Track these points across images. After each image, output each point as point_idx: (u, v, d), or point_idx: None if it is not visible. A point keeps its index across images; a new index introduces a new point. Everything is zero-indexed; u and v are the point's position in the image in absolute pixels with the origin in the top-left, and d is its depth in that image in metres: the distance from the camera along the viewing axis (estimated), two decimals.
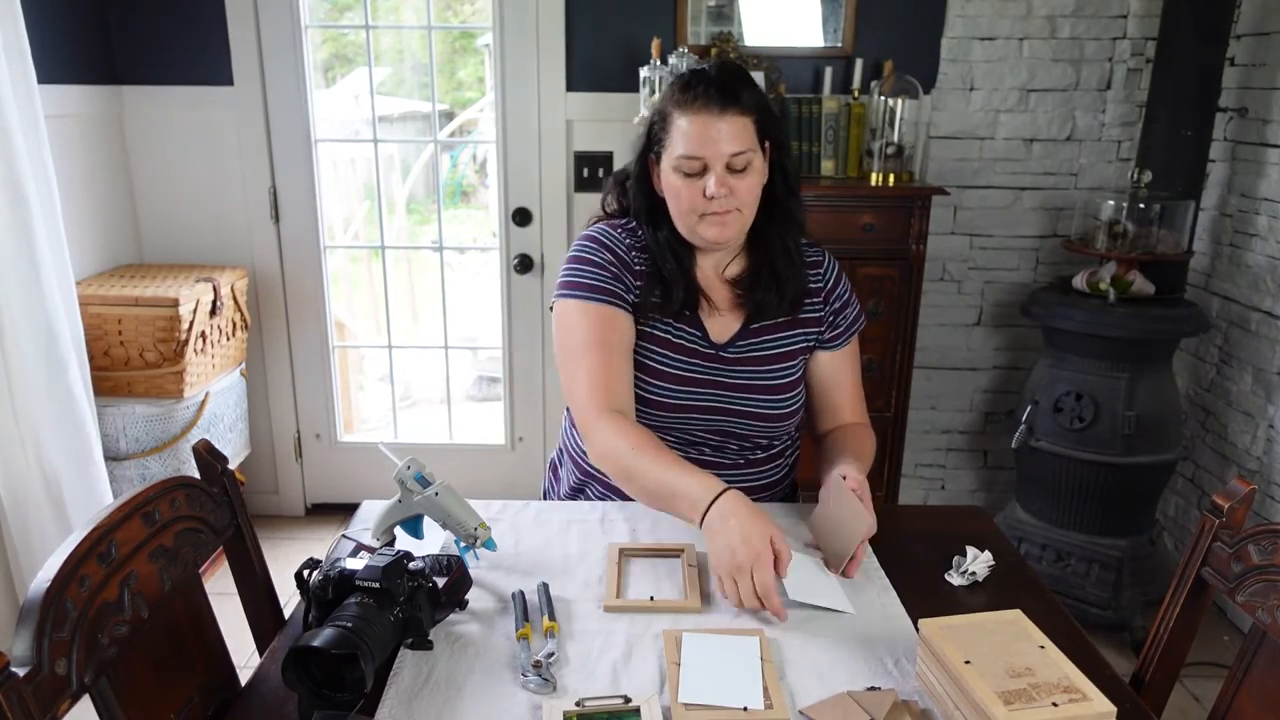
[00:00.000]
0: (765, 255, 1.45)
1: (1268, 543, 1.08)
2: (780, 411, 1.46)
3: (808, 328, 1.49)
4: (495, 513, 1.42)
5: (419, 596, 1.05)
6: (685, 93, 1.34)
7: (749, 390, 1.44)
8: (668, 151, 1.36)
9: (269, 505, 3.16)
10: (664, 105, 1.38)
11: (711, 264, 1.47)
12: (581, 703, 0.96)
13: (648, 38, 2.61)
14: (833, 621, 1.14)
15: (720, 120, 1.31)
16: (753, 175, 1.36)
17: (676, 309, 1.42)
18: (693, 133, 1.32)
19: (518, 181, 2.90)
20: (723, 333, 1.45)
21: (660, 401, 1.43)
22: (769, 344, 1.47)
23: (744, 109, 1.33)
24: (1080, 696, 0.89)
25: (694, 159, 1.33)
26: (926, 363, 2.98)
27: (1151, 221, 2.44)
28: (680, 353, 1.43)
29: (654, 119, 1.40)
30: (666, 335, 1.44)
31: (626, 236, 1.46)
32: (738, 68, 1.39)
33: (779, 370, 1.46)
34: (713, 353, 1.44)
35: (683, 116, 1.34)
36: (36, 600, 0.86)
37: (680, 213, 1.38)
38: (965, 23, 2.73)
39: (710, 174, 1.33)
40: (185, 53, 2.77)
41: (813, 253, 1.52)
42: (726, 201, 1.34)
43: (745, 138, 1.33)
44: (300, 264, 2.97)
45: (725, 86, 1.33)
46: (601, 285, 1.40)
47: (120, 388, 2.47)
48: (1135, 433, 2.39)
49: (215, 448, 1.22)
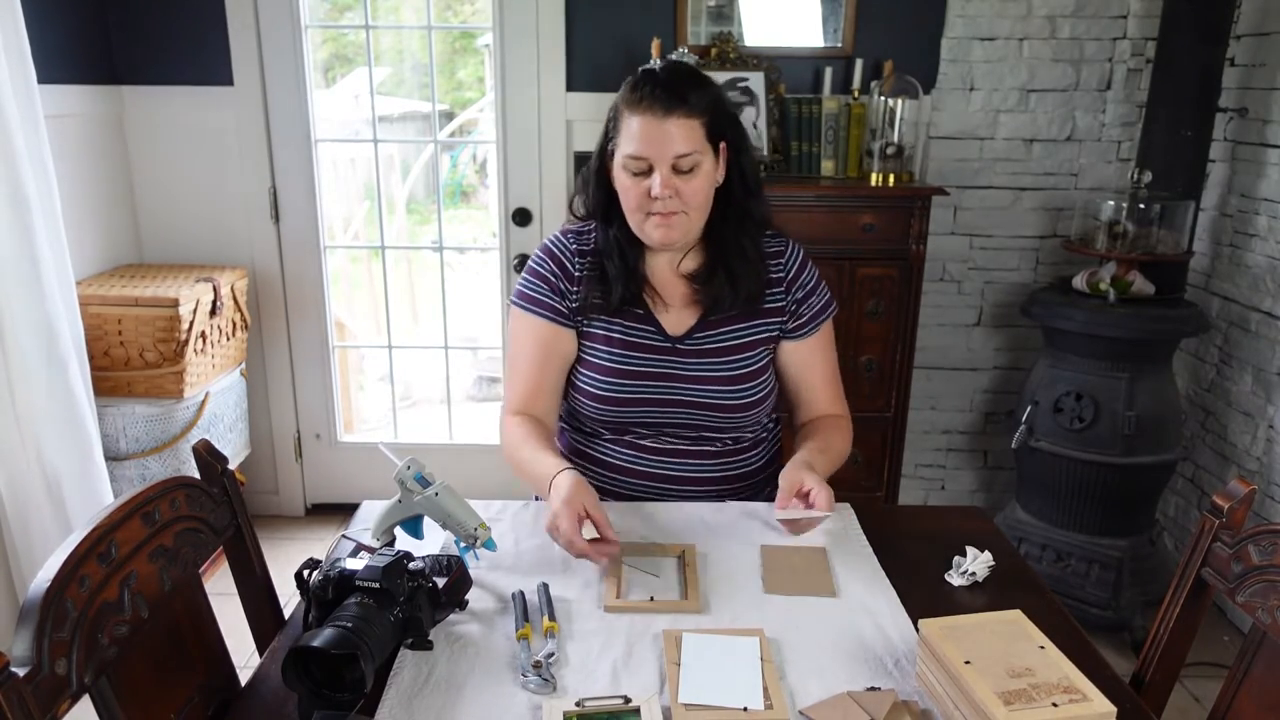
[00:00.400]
0: (721, 252, 1.46)
1: (1268, 543, 1.08)
2: (740, 401, 1.47)
3: (769, 318, 1.50)
4: (495, 513, 1.42)
5: (419, 596, 1.05)
6: (633, 92, 1.36)
7: (705, 381, 1.45)
8: (619, 149, 1.38)
9: (269, 505, 3.16)
10: (617, 102, 1.39)
11: (665, 260, 1.49)
12: (581, 703, 0.96)
13: (648, 38, 2.61)
14: (833, 621, 1.14)
15: (665, 121, 1.33)
16: (700, 177, 1.37)
17: (615, 306, 1.45)
18: (638, 133, 1.34)
19: (518, 181, 2.90)
20: (678, 326, 1.47)
21: (611, 396, 1.46)
22: (728, 335, 1.48)
23: (691, 110, 1.34)
24: (1080, 697, 0.89)
25: (639, 159, 1.34)
26: (926, 363, 2.98)
27: (1151, 222, 2.44)
28: (630, 349, 1.46)
29: (610, 114, 1.42)
30: (612, 334, 1.47)
31: (574, 242, 1.50)
32: (688, 69, 1.41)
33: (738, 361, 1.47)
34: (669, 346, 1.46)
35: (631, 116, 1.35)
36: (36, 600, 0.86)
37: (627, 210, 1.40)
38: (965, 23, 2.73)
39: (655, 174, 1.34)
40: (185, 53, 2.77)
41: (775, 243, 1.52)
42: (671, 203, 1.35)
43: (692, 139, 1.34)
44: (300, 264, 2.97)
45: (672, 88, 1.34)
46: (542, 299, 1.48)
47: (120, 388, 2.47)
48: (1135, 433, 2.39)
49: (215, 448, 1.22)
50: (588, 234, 1.50)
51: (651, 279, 1.48)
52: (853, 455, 2.61)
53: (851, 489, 2.65)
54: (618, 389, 1.45)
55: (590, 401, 1.47)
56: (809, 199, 2.53)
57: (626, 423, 1.48)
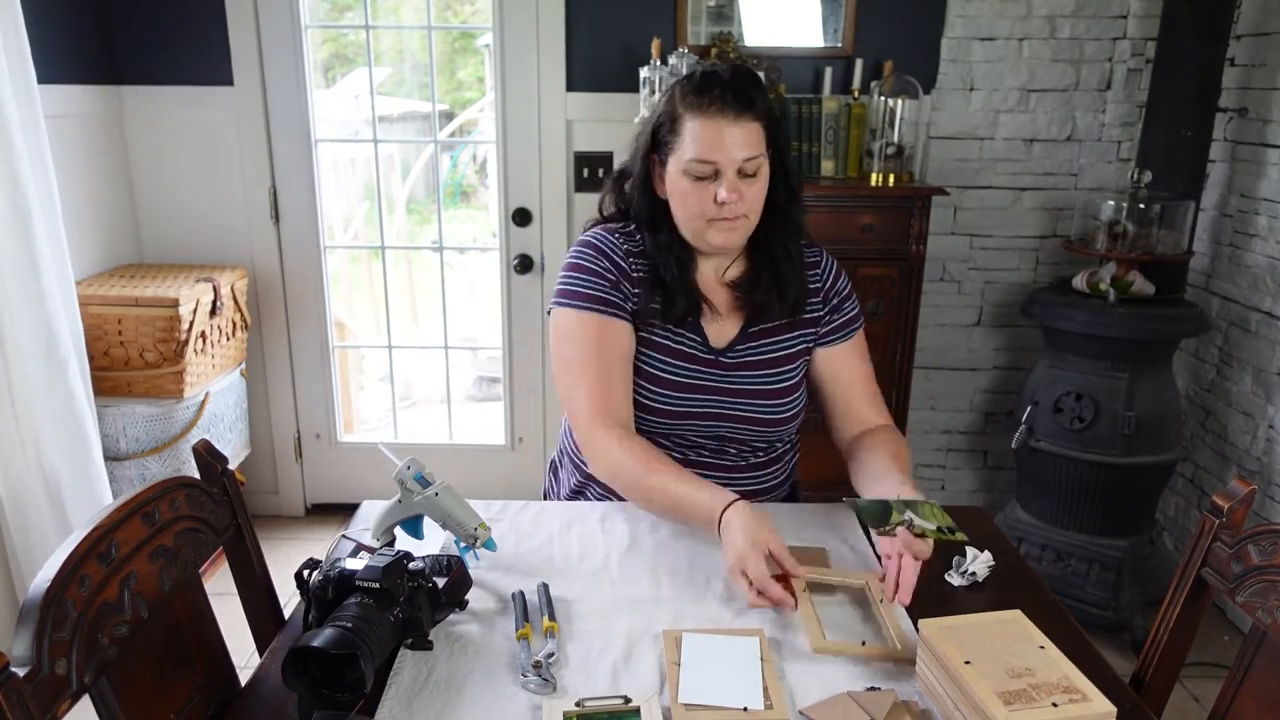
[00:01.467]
0: (766, 258, 1.43)
1: (1268, 543, 1.08)
2: (780, 416, 1.45)
3: (806, 329, 1.48)
4: (495, 513, 1.42)
5: (419, 596, 1.05)
6: (700, 95, 1.32)
7: (748, 395, 1.43)
8: (676, 154, 1.34)
9: (269, 505, 3.16)
10: (673, 107, 1.35)
11: (711, 267, 1.46)
12: (581, 703, 0.96)
13: (648, 38, 2.61)
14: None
15: (735, 125, 1.30)
16: (761, 181, 1.35)
17: (679, 315, 1.41)
18: (706, 137, 1.30)
19: (518, 181, 2.90)
20: (721, 337, 1.44)
21: (660, 408, 1.42)
22: (768, 347, 1.45)
23: (756, 114, 1.32)
24: (1080, 697, 0.89)
25: (707, 163, 1.31)
26: (926, 363, 2.98)
27: (1151, 222, 2.44)
28: (680, 359, 1.42)
29: (661, 120, 1.37)
30: (666, 341, 1.43)
31: (624, 242, 1.44)
32: (750, 72, 1.38)
33: (778, 374, 1.45)
34: (712, 358, 1.43)
35: (695, 119, 1.31)
36: (36, 600, 0.86)
37: (687, 217, 1.36)
38: (965, 23, 2.73)
39: (722, 179, 1.31)
40: (185, 53, 2.77)
41: (811, 253, 1.51)
42: (736, 208, 1.33)
43: (757, 143, 1.32)
44: (300, 264, 2.97)
45: (740, 91, 1.31)
46: (600, 295, 1.40)
47: (120, 388, 2.47)
48: (1135, 433, 2.39)
49: (215, 448, 1.22)
50: (633, 235, 1.45)
51: (701, 287, 1.45)
52: None
53: (851, 489, 2.65)
54: (669, 401, 1.42)
55: (646, 415, 1.42)
56: (809, 199, 2.47)
57: (669, 434, 1.44)
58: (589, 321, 1.39)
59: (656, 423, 1.43)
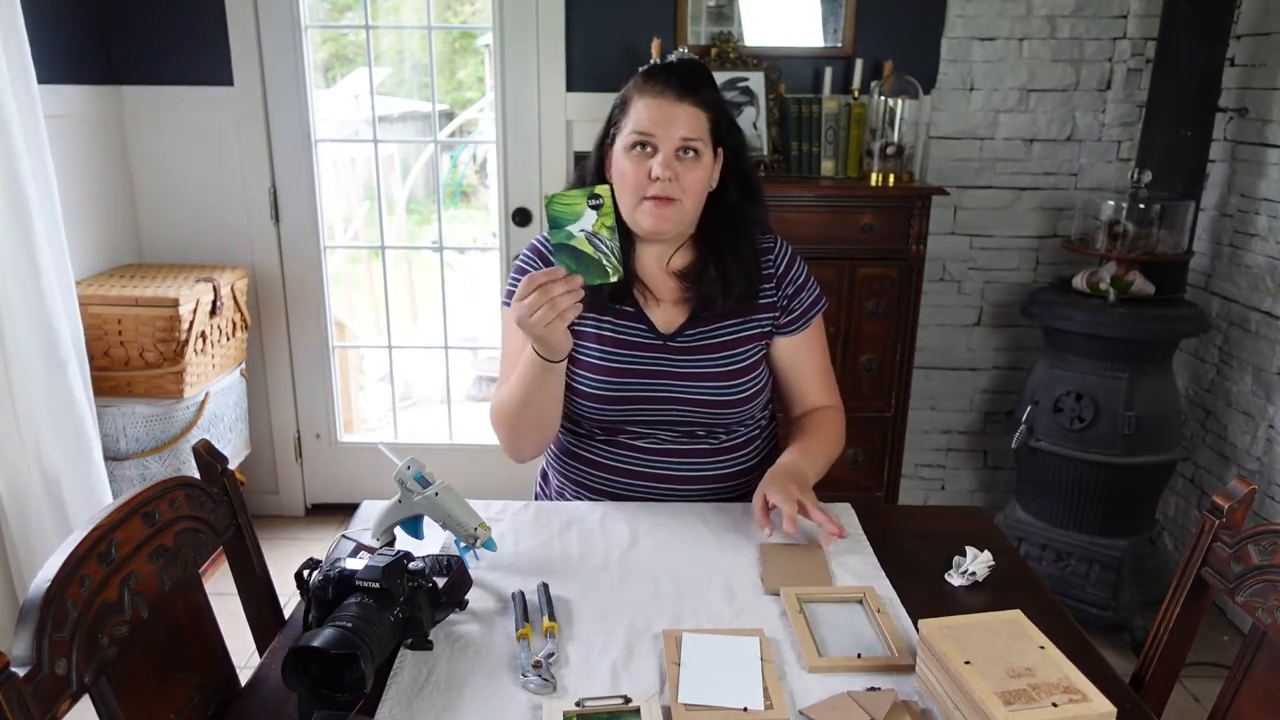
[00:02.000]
0: (713, 252, 1.46)
1: (1268, 543, 1.08)
2: (734, 397, 1.47)
3: (761, 313, 1.50)
4: (495, 513, 1.42)
5: (419, 596, 1.05)
6: (647, 79, 1.39)
7: (698, 378, 1.45)
8: (622, 134, 1.39)
9: (269, 505, 3.16)
10: (626, 92, 1.41)
11: (653, 255, 1.48)
12: (581, 703, 0.96)
13: (648, 38, 2.61)
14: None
15: (677, 105, 1.35)
16: (700, 169, 1.38)
17: (604, 302, 1.44)
18: (647, 113, 1.36)
19: (518, 181, 2.90)
20: (670, 323, 1.47)
21: (603, 395, 1.45)
22: (719, 332, 1.48)
23: (701, 102, 1.37)
24: (1080, 697, 0.89)
25: (646, 135, 1.35)
26: (926, 363, 2.99)
27: (1151, 222, 2.44)
28: (621, 346, 1.46)
29: (614, 107, 1.43)
30: (603, 331, 1.46)
31: None
32: (702, 66, 1.43)
33: (730, 357, 1.47)
34: (660, 343, 1.46)
35: (641, 99, 1.38)
36: (36, 600, 0.86)
37: (624, 191, 1.39)
38: (965, 23, 2.73)
39: (659, 154, 1.35)
40: (185, 53, 2.77)
41: (765, 239, 1.52)
42: (670, 187, 1.36)
43: (698, 127, 1.36)
44: (300, 264, 2.97)
45: (686, 77, 1.37)
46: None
47: (120, 388, 2.47)
48: (1135, 433, 2.39)
49: (215, 448, 1.22)
50: None
51: (642, 275, 1.48)
52: (853, 455, 2.66)
53: (851, 489, 2.66)
54: (611, 387, 1.45)
55: (584, 401, 1.46)
56: (809, 199, 2.53)
57: (621, 422, 1.48)
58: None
59: (604, 410, 1.46)
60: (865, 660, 1.06)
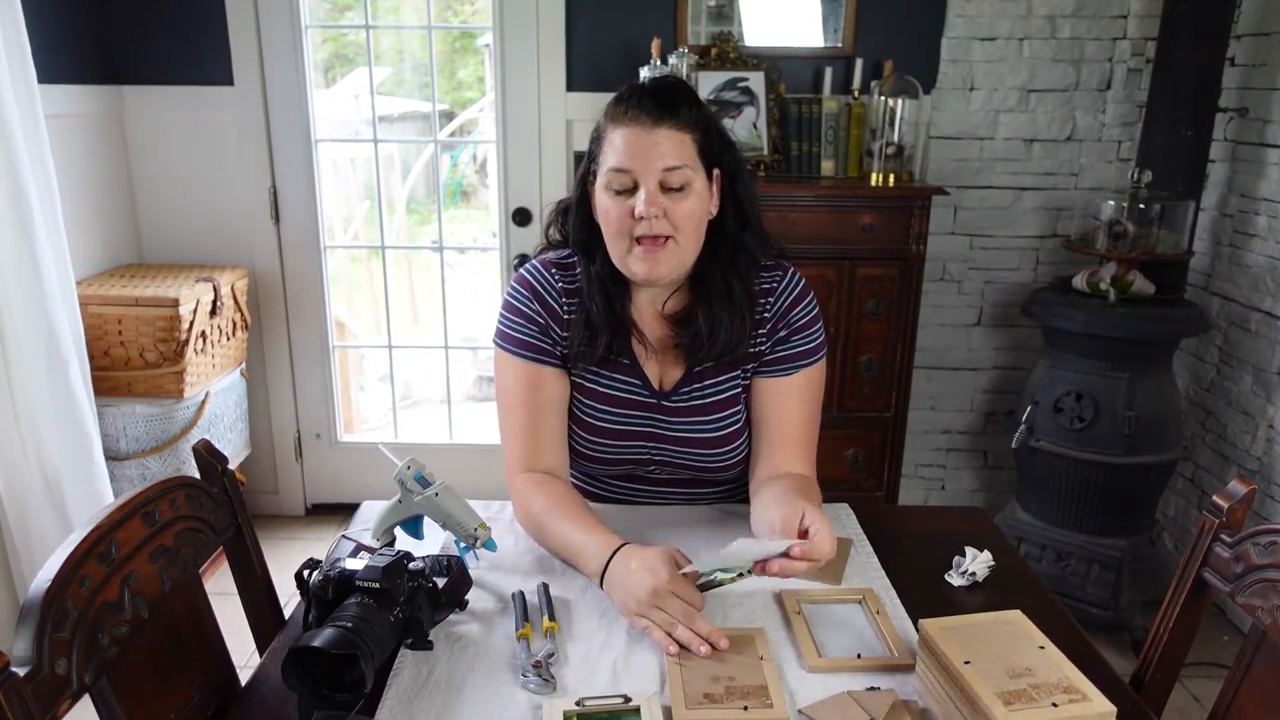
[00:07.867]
0: (703, 293, 1.31)
1: (1268, 543, 1.08)
2: (722, 463, 1.38)
3: (750, 363, 1.35)
4: (495, 513, 1.42)
5: (419, 597, 1.05)
6: (619, 105, 1.24)
7: (688, 444, 1.36)
8: (601, 171, 1.25)
9: (269, 505, 3.16)
10: (599, 124, 1.27)
11: (647, 299, 1.35)
12: (581, 703, 0.96)
13: (648, 38, 2.61)
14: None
15: (652, 132, 1.20)
16: (691, 199, 1.23)
17: (600, 355, 1.32)
18: (623, 145, 1.21)
19: (518, 181, 2.90)
20: (664, 379, 1.36)
21: (598, 457, 1.39)
22: (709, 389, 1.35)
23: (682, 123, 1.22)
24: (1080, 697, 0.89)
25: (623, 171, 1.21)
26: (926, 363, 2.98)
27: (1151, 221, 2.44)
28: (617, 405, 1.36)
29: (592, 137, 1.29)
30: (597, 387, 1.36)
31: (560, 278, 1.36)
32: (679, 82, 1.28)
33: (721, 419, 1.36)
34: (655, 402, 1.35)
35: (615, 129, 1.23)
36: (37, 600, 0.86)
37: (610, 237, 1.26)
38: (965, 23, 2.73)
39: (641, 190, 1.21)
40: (185, 53, 2.77)
41: (769, 279, 1.36)
42: (660, 224, 1.21)
43: (682, 154, 1.22)
44: (300, 264, 2.97)
45: (660, 97, 1.22)
46: (529, 340, 1.34)
47: (120, 388, 2.47)
48: (1135, 433, 2.39)
49: (215, 448, 1.22)
50: (572, 269, 1.36)
51: (639, 322, 1.35)
52: (853, 455, 2.66)
53: (851, 489, 2.66)
54: (609, 450, 1.38)
55: (585, 461, 1.41)
56: (809, 199, 2.53)
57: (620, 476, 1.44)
58: (519, 368, 1.34)
59: (597, 469, 1.42)
60: (865, 660, 1.06)
